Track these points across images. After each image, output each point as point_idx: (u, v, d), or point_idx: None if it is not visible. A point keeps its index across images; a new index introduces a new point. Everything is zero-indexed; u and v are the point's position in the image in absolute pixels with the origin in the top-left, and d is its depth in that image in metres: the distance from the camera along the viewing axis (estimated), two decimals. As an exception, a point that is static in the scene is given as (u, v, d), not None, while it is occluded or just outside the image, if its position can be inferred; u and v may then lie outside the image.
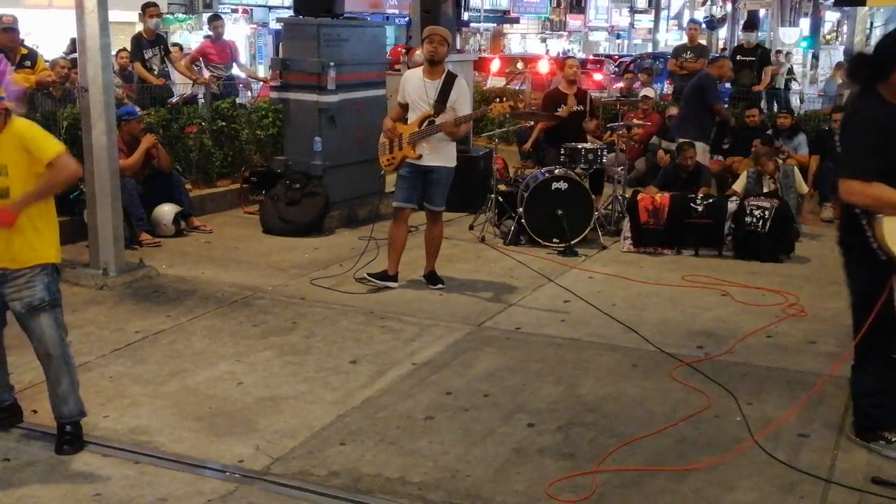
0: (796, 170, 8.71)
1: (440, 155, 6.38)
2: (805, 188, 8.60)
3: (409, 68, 9.70)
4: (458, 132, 6.35)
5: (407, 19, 25.56)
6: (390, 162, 6.49)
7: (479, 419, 4.43)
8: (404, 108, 6.48)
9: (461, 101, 6.37)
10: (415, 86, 6.40)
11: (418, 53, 10.20)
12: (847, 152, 3.97)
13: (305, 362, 5.15)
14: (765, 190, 8.30)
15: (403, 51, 13.93)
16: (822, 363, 5.24)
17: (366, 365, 5.12)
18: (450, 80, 6.35)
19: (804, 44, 31.67)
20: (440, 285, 6.62)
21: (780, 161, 9.08)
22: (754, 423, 4.37)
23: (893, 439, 4.06)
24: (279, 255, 7.48)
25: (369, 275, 6.60)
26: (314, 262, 7.32)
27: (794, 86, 20.83)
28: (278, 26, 14.98)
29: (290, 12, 9.64)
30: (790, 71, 21.58)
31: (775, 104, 13.76)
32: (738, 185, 8.63)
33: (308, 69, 8.33)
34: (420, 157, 6.32)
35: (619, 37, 50.27)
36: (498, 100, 6.58)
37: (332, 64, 8.22)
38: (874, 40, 30.41)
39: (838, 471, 3.92)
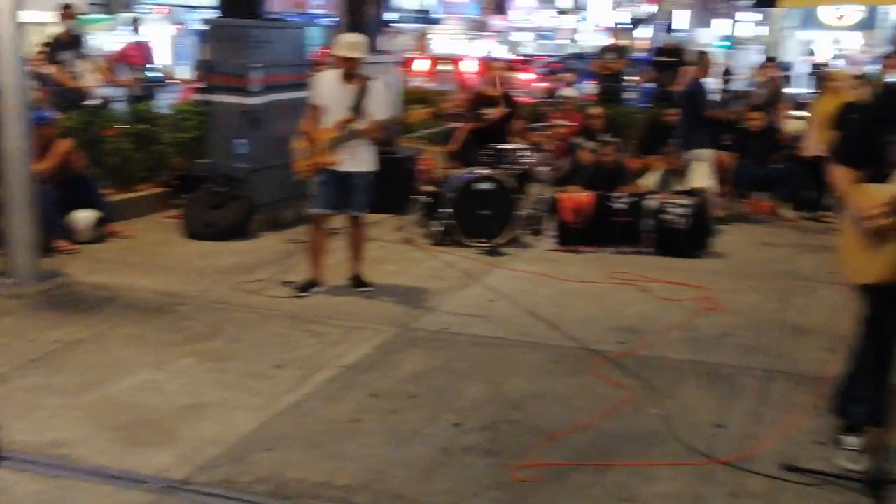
0: (700, 165, 8.93)
1: (359, 160, 6.32)
2: (703, 183, 8.80)
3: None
4: (376, 137, 6.32)
5: (333, 20, 25.42)
6: (307, 167, 6.37)
7: (406, 420, 4.45)
8: (319, 109, 6.35)
9: (379, 105, 6.31)
10: (330, 89, 6.31)
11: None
12: None
13: (229, 368, 5.09)
14: (677, 188, 8.50)
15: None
16: (738, 355, 5.41)
17: (291, 369, 5.08)
18: (366, 83, 6.27)
19: (722, 44, 32.55)
20: (367, 288, 6.60)
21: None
22: (673, 415, 4.48)
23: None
24: (202, 260, 7.37)
25: (294, 288, 6.53)
26: (238, 266, 7.23)
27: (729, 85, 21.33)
28: (201, 27, 14.73)
29: (213, 13, 9.50)
30: (728, 71, 22.10)
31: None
32: (650, 182, 8.84)
33: (233, 71, 8.24)
34: (338, 162, 6.27)
35: (544, 38, 50.83)
36: (419, 106, 6.57)
37: (257, 66, 8.14)
38: (789, 41, 31.29)
39: (754, 460, 4.05)
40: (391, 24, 32.68)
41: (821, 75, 10.69)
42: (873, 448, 3.63)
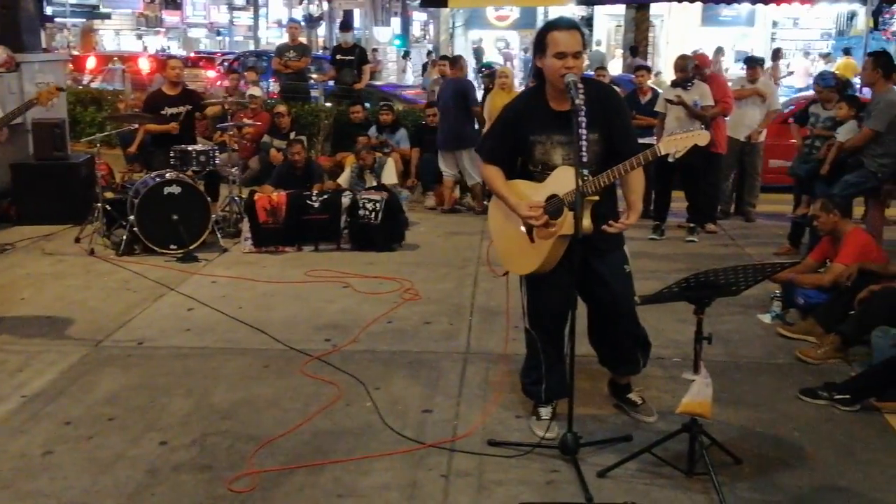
0: (389, 161, 9.30)
1: None
2: (393, 179, 9.18)
3: (-12, 69, 8.73)
4: None
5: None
6: None
7: (106, 445, 4.15)
8: None
9: None
10: None
11: (-2, 52, 9.22)
12: None
13: None
14: (370, 183, 8.74)
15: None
16: (438, 341, 5.66)
17: (-36, 405, 4.54)
18: None
19: (397, 42, 33.76)
20: None
21: (382, 154, 9.65)
22: (383, 406, 4.59)
23: None
24: None
25: None
26: None
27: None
28: None
29: None
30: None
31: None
32: (343, 180, 9.02)
33: None
34: None
35: (219, 34, 49.57)
36: (45, 85, 5.93)
37: None
38: (457, 39, 33.10)
39: (461, 439, 4.25)
40: (55, 20, 30.23)
41: (490, 73, 11.45)
42: (566, 414, 3.95)
